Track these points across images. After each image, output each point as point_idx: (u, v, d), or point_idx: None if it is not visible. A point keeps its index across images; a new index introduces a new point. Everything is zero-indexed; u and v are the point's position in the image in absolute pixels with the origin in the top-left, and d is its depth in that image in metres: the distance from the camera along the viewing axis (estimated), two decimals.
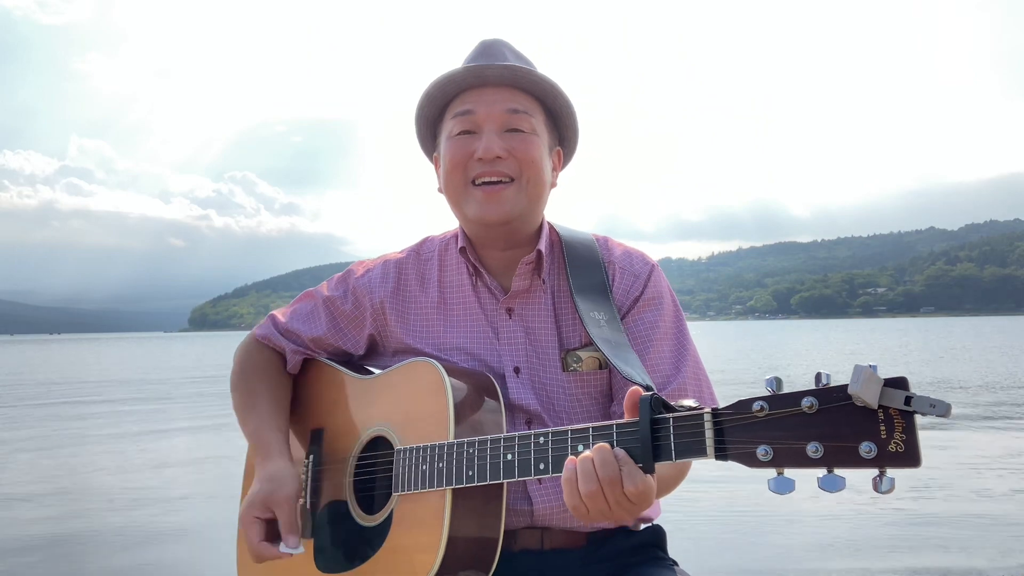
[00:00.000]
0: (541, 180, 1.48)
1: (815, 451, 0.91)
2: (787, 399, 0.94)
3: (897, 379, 0.85)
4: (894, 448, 0.85)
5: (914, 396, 0.83)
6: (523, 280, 1.50)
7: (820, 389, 0.92)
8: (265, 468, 1.47)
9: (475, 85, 1.46)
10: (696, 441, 1.03)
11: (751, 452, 0.96)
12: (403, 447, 1.38)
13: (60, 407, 13.52)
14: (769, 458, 0.95)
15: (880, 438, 0.86)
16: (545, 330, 1.50)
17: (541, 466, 1.20)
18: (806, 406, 0.92)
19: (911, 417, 0.84)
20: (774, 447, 0.95)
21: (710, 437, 1.01)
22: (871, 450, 0.86)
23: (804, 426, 0.92)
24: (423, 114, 1.54)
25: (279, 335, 1.66)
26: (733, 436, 0.99)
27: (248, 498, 1.43)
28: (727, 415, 1.00)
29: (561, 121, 1.55)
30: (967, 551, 4.27)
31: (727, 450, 0.99)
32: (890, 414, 0.86)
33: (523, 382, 1.48)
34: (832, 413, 0.90)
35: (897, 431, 0.85)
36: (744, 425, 0.98)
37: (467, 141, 1.45)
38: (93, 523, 5.29)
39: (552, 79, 1.48)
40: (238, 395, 1.63)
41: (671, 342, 1.49)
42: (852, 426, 0.88)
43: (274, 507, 1.41)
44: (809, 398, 0.92)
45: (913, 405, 0.82)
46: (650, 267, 1.55)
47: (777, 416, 0.95)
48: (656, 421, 1.07)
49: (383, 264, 1.63)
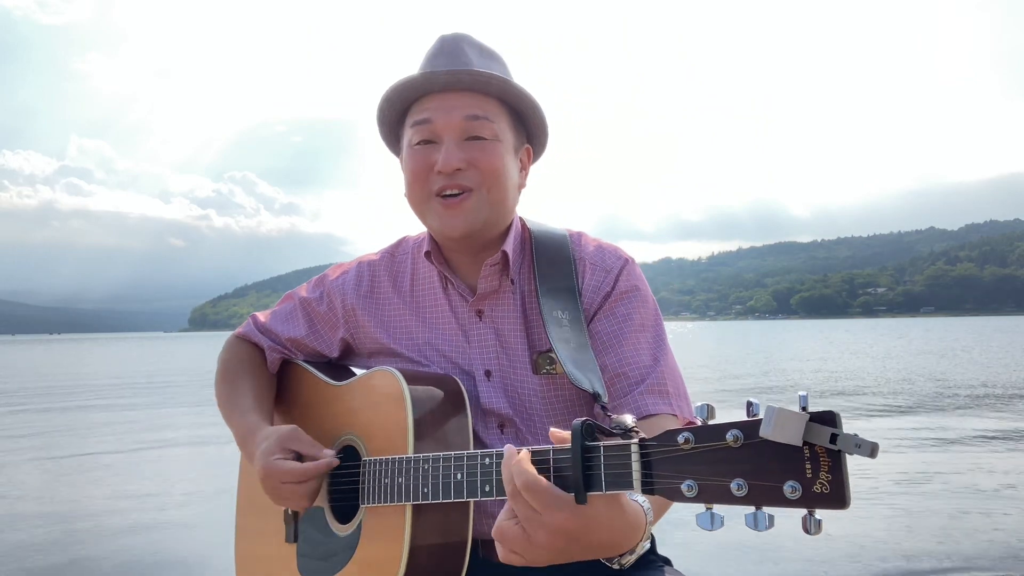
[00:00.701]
0: (503, 188, 1.43)
1: (739, 488, 0.84)
2: (712, 431, 0.87)
3: (824, 414, 0.78)
4: (819, 489, 0.78)
5: (840, 434, 0.75)
6: (490, 282, 1.47)
7: (745, 422, 0.85)
8: (257, 435, 1.43)
9: (432, 91, 1.41)
10: (623, 474, 0.96)
11: (676, 487, 0.90)
12: (368, 459, 1.36)
13: (60, 408, 13.49)
14: (694, 494, 0.88)
15: (805, 477, 0.79)
16: (514, 331, 1.46)
17: (487, 488, 1.17)
18: (730, 439, 0.85)
19: (839, 456, 0.77)
20: (699, 482, 0.88)
21: (637, 470, 0.94)
22: (795, 490, 0.79)
23: (728, 461, 0.85)
24: (384, 119, 1.50)
25: (259, 334, 1.66)
26: (660, 469, 0.92)
27: (261, 457, 1.37)
28: (653, 447, 0.93)
29: (527, 119, 1.49)
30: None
31: (653, 484, 0.93)
32: (816, 452, 0.79)
33: (494, 386, 1.45)
34: (756, 448, 0.83)
35: (823, 470, 0.78)
36: (670, 458, 0.91)
37: (427, 152, 1.41)
38: (93, 524, 5.26)
39: (511, 80, 1.42)
40: (222, 392, 1.62)
41: (649, 333, 1.43)
42: (776, 463, 0.81)
43: (290, 444, 1.37)
44: (734, 431, 0.85)
45: (838, 444, 0.75)
46: (623, 261, 1.49)
47: (701, 450, 0.88)
48: (588, 449, 1.00)
49: (357, 267, 1.63)
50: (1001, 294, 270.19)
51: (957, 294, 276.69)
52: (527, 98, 1.45)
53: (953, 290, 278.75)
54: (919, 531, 4.68)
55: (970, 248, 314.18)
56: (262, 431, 1.45)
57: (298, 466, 1.34)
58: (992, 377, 15.86)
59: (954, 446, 7.80)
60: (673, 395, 1.38)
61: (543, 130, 1.53)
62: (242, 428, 1.51)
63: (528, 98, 1.45)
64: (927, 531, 4.67)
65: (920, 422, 9.55)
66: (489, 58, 1.45)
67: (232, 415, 1.56)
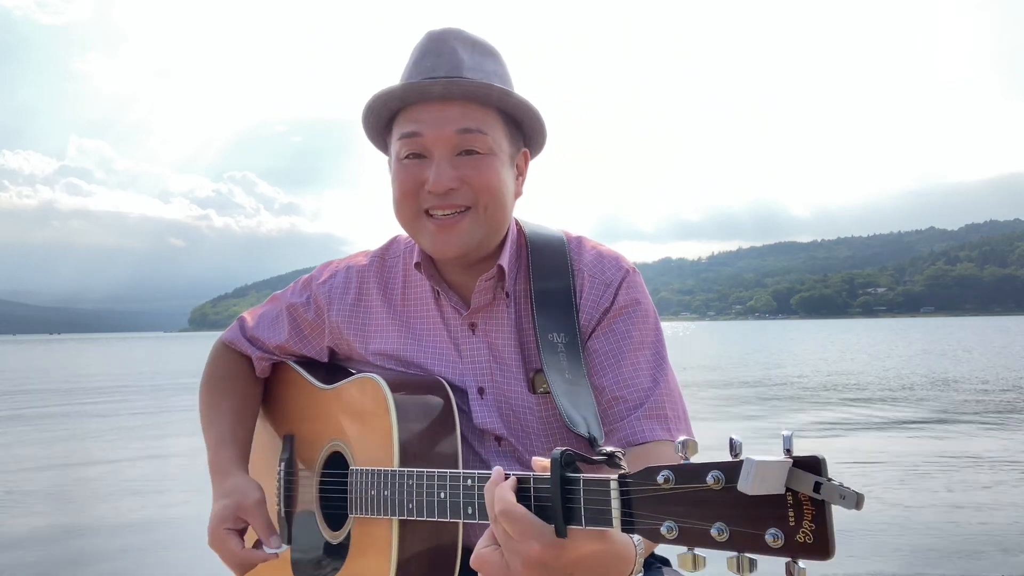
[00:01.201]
0: (500, 204, 1.34)
1: (720, 533, 0.80)
2: (693, 471, 0.83)
3: (808, 459, 0.74)
4: (802, 539, 0.74)
5: (824, 483, 0.71)
6: (484, 295, 1.40)
7: (727, 463, 0.81)
8: (223, 484, 1.43)
9: (420, 101, 1.31)
10: (602, 511, 0.92)
11: (655, 528, 0.86)
12: (356, 468, 1.34)
13: (60, 408, 13.44)
14: (674, 536, 0.84)
15: (788, 525, 0.75)
16: (509, 347, 1.40)
17: (469, 510, 1.14)
18: (711, 482, 0.81)
19: (823, 504, 0.73)
20: (679, 524, 0.84)
21: (616, 507, 0.91)
22: (777, 538, 0.75)
23: (710, 504, 0.81)
24: (369, 126, 1.40)
25: (245, 341, 1.61)
26: (640, 508, 0.88)
27: (214, 516, 1.39)
28: (633, 484, 0.89)
29: (523, 124, 1.39)
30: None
31: (634, 523, 0.89)
32: (799, 499, 0.75)
33: (487, 404, 1.39)
34: (738, 492, 0.79)
35: (806, 519, 0.74)
36: (650, 497, 0.87)
37: (417, 168, 1.32)
38: (91, 525, 5.23)
39: (511, 91, 1.32)
40: (202, 405, 1.59)
41: (647, 352, 1.36)
42: (758, 509, 0.77)
43: (245, 515, 1.37)
44: (715, 472, 0.81)
45: (822, 493, 0.71)
46: (623, 273, 1.40)
47: (682, 491, 0.84)
48: (568, 480, 0.97)
49: (346, 271, 1.55)
50: (1001, 294, 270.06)
51: (957, 294, 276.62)
52: (524, 106, 1.35)
53: (953, 290, 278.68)
54: (919, 532, 4.65)
55: (970, 248, 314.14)
56: (232, 479, 1.43)
57: (238, 551, 1.36)
58: (994, 375, 15.82)
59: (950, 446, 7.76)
60: (671, 419, 1.32)
61: (540, 132, 1.43)
62: (216, 461, 1.49)
63: (525, 105, 1.34)
64: (927, 531, 4.64)
65: (921, 419, 9.51)
66: (483, 55, 1.35)
67: (208, 436, 1.54)
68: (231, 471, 1.45)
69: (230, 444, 1.51)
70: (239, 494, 1.39)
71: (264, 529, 1.37)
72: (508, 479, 1.02)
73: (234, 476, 1.43)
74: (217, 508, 1.39)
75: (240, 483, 1.41)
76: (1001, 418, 9.97)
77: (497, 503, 0.99)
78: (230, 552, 1.36)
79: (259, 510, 1.38)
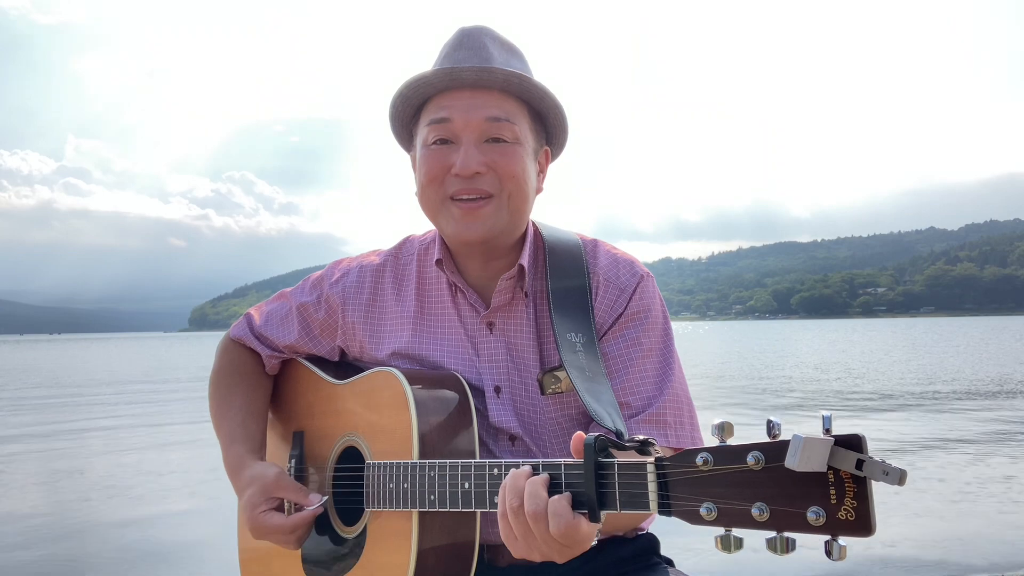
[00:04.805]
0: (523, 193, 1.36)
1: (760, 513, 0.82)
2: (732, 452, 0.85)
3: (850, 438, 0.76)
4: (844, 516, 0.75)
5: (867, 460, 0.73)
6: (504, 295, 1.41)
7: (767, 444, 0.82)
8: (241, 479, 1.42)
9: (451, 87, 1.34)
10: (639, 494, 0.94)
11: (694, 510, 0.88)
12: (372, 462, 1.33)
13: (60, 407, 13.43)
14: (713, 517, 0.86)
15: (829, 504, 0.77)
16: (527, 347, 1.41)
17: (495, 499, 1.14)
18: (751, 462, 0.83)
19: (864, 481, 0.75)
20: (718, 505, 0.86)
21: (653, 491, 0.92)
22: (819, 517, 0.77)
23: (750, 484, 0.83)
24: (397, 115, 1.42)
25: (254, 338, 1.60)
26: (677, 491, 0.90)
27: (245, 508, 1.38)
28: (670, 467, 0.91)
29: (548, 121, 1.43)
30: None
31: (671, 506, 0.91)
32: (841, 477, 0.76)
33: (504, 403, 1.40)
34: (779, 471, 0.81)
35: (848, 496, 0.76)
36: (688, 479, 0.89)
37: (444, 153, 1.34)
38: (91, 525, 5.23)
39: (536, 81, 1.35)
40: (213, 402, 1.57)
41: (655, 360, 1.38)
42: (799, 487, 0.79)
43: (273, 492, 1.37)
44: (755, 453, 0.83)
45: (864, 470, 0.73)
46: (638, 278, 1.42)
47: (721, 472, 0.86)
48: (601, 466, 0.98)
49: (359, 270, 1.54)
50: (1001, 294, 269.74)
51: (957, 294, 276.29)
52: (551, 99, 1.38)
53: (953, 290, 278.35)
54: (920, 530, 4.66)
55: (970, 248, 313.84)
56: (248, 470, 1.42)
57: (285, 521, 1.34)
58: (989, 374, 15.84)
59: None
60: (672, 425, 1.34)
61: (563, 131, 1.46)
62: (229, 459, 1.49)
63: (552, 99, 1.38)
64: (928, 531, 4.65)
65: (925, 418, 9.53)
66: (511, 53, 1.38)
67: (219, 433, 1.53)
68: (245, 464, 1.44)
69: (241, 440, 1.49)
70: (259, 479, 1.38)
71: (297, 492, 1.36)
72: (538, 472, 1.04)
73: (249, 467, 1.43)
74: (244, 500, 1.39)
75: (256, 469, 1.41)
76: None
77: (529, 482, 1.02)
78: (277, 527, 1.34)
79: (284, 481, 1.37)
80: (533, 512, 1.01)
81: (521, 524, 1.03)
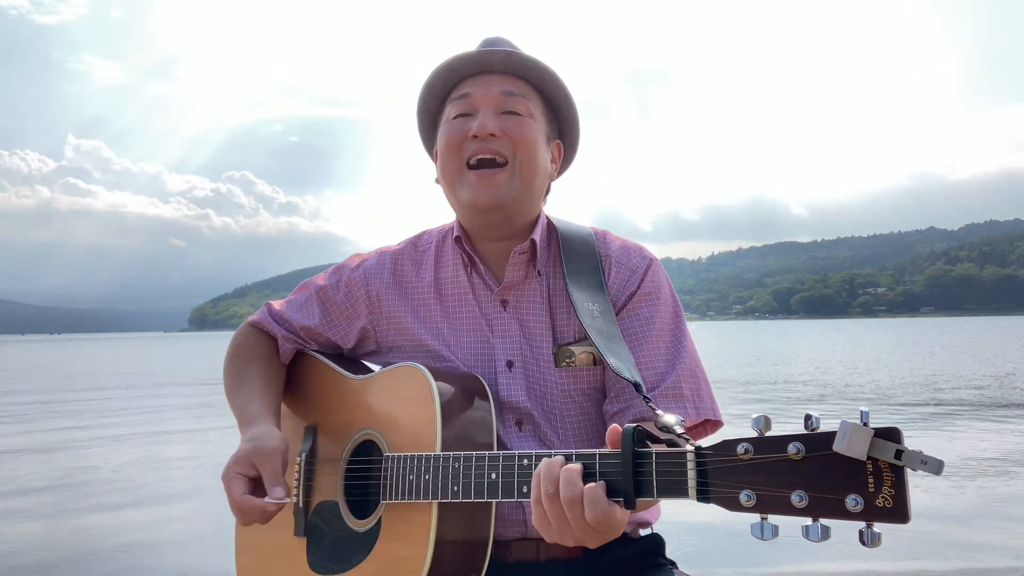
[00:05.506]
0: (535, 163, 1.45)
1: (799, 500, 0.86)
2: (773, 443, 0.89)
3: (888, 430, 0.80)
4: (881, 503, 0.80)
5: (905, 450, 0.78)
6: (517, 271, 1.47)
7: (807, 434, 0.87)
8: (249, 431, 1.41)
9: (475, 72, 1.46)
10: (678, 481, 0.98)
11: (734, 497, 0.92)
12: (391, 454, 1.34)
13: (61, 407, 13.46)
14: (752, 504, 0.90)
15: (867, 491, 0.81)
16: (539, 323, 1.46)
17: (524, 489, 1.17)
18: (792, 452, 0.87)
19: (901, 471, 0.79)
20: (757, 493, 0.90)
21: (692, 478, 0.96)
22: (857, 504, 0.81)
23: (789, 473, 0.87)
24: (425, 107, 1.53)
25: (272, 322, 1.63)
26: (716, 479, 0.94)
27: (232, 457, 1.36)
28: (710, 456, 0.95)
29: (561, 114, 1.53)
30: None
31: (709, 493, 0.95)
32: (879, 466, 0.81)
33: (515, 377, 1.44)
34: (818, 461, 0.85)
35: (886, 485, 0.80)
36: (727, 467, 0.93)
37: (463, 122, 1.44)
38: (91, 525, 5.22)
39: (552, 68, 1.47)
40: (229, 376, 1.59)
41: (667, 338, 1.43)
42: (839, 477, 0.83)
43: (258, 462, 1.33)
44: (796, 443, 0.87)
45: (903, 460, 0.78)
46: (648, 261, 1.50)
47: (761, 461, 0.90)
48: (639, 455, 1.02)
49: (379, 255, 1.62)
50: (1001, 294, 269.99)
51: (957, 294, 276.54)
52: (564, 92, 1.50)
53: (953, 290, 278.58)
54: (920, 531, 4.70)
55: (970, 248, 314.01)
56: (255, 428, 1.41)
57: (239, 497, 1.31)
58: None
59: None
60: (690, 397, 1.39)
61: (574, 127, 1.55)
62: (241, 415, 1.48)
63: (565, 91, 1.50)
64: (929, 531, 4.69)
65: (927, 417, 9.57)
66: (531, 54, 1.50)
67: (235, 400, 1.53)
68: (258, 421, 1.43)
69: (259, 401, 1.49)
70: (259, 440, 1.36)
71: (271, 477, 1.32)
72: (571, 461, 1.07)
73: (260, 425, 1.42)
74: (237, 451, 1.37)
75: (264, 431, 1.39)
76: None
77: (564, 470, 1.05)
78: (231, 496, 1.33)
79: (272, 458, 1.34)
80: (569, 498, 1.04)
81: (556, 510, 1.05)
